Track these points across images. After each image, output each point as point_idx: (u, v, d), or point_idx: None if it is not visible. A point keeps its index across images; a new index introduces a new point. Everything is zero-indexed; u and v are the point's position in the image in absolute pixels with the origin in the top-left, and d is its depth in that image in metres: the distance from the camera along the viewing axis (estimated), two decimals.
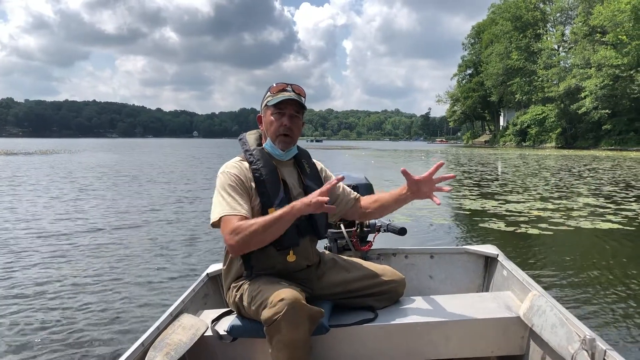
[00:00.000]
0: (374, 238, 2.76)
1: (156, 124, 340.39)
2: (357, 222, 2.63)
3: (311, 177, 2.14)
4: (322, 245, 2.60)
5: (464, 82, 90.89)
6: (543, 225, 6.87)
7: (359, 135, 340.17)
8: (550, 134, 60.36)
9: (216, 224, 1.92)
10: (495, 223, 7.08)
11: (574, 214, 7.92)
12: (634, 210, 8.27)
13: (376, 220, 2.72)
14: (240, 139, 2.16)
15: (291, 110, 2.02)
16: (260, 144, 2.10)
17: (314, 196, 1.77)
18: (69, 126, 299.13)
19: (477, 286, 2.72)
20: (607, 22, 46.88)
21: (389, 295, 2.15)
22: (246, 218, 1.87)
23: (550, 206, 8.79)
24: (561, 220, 7.27)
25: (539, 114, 61.92)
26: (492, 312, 2.04)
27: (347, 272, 2.17)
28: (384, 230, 2.72)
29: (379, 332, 1.98)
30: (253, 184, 1.98)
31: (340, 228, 2.64)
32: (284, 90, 2.04)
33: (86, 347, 3.05)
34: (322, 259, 2.22)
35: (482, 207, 8.73)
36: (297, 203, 1.80)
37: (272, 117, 2.03)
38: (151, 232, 6.62)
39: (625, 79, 45.79)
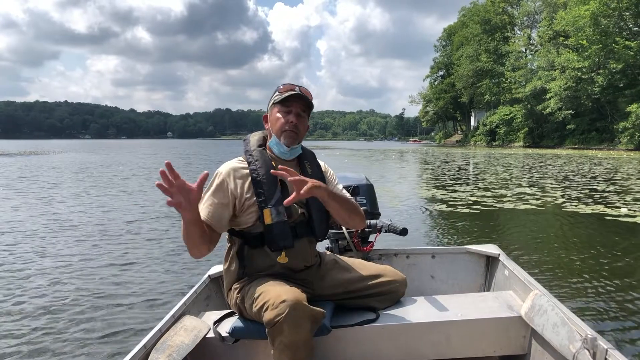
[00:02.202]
0: (375, 238, 2.73)
1: (129, 124, 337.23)
2: None
3: (313, 178, 2.06)
4: (323, 246, 2.61)
5: (436, 83, 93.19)
6: (475, 207, 8.60)
7: (335, 136, 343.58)
8: (518, 133, 61.88)
9: None
10: (438, 206, 8.76)
11: (505, 199, 9.66)
12: (554, 197, 10.05)
13: (377, 221, 2.69)
14: (244, 140, 2.18)
15: (298, 108, 2.04)
16: (261, 145, 2.10)
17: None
18: (40, 127, 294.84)
19: (479, 286, 2.73)
20: (569, 27, 48.77)
21: (391, 296, 2.15)
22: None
23: (489, 194, 10.54)
24: (490, 203, 9.03)
25: (507, 115, 63.50)
26: (493, 312, 2.05)
27: (348, 273, 2.15)
28: (385, 231, 2.65)
29: (381, 333, 1.98)
30: (249, 185, 1.98)
31: (341, 229, 2.62)
32: (291, 90, 2.05)
33: (87, 348, 3.05)
34: (323, 260, 2.21)
35: (432, 195, 10.43)
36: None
37: (278, 114, 2.03)
38: (155, 231, 6.70)
39: (587, 81, 47.54)
